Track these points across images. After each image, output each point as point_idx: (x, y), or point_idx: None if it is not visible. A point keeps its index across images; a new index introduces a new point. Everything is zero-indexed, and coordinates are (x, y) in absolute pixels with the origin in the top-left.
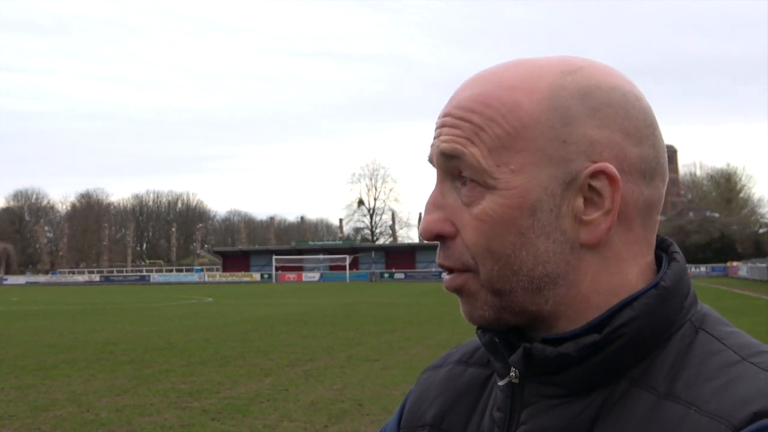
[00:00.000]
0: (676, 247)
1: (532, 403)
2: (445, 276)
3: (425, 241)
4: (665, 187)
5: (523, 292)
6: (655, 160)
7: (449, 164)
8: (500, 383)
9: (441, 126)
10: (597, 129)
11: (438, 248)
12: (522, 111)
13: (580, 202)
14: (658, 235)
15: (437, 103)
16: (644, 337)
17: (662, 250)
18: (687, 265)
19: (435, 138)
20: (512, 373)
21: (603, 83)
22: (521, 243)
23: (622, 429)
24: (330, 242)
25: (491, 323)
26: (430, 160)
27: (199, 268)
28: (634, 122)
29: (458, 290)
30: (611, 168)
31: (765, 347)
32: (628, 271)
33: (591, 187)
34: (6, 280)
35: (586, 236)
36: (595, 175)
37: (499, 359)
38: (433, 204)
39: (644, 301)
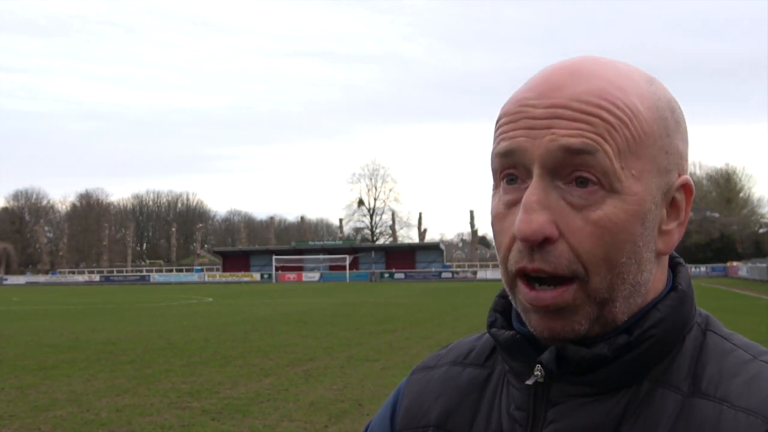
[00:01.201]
0: (676, 254)
1: (560, 402)
2: (539, 292)
3: (525, 241)
4: None
5: (622, 301)
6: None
7: (569, 160)
8: (528, 382)
9: (552, 117)
10: (682, 142)
11: (526, 250)
12: (642, 117)
13: (664, 212)
14: None
15: (436, 104)
16: (668, 338)
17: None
18: (687, 265)
19: (534, 130)
20: (537, 372)
21: (673, 97)
22: (633, 251)
23: (653, 427)
24: (330, 242)
25: (578, 337)
26: (511, 155)
27: (199, 268)
28: (688, 136)
29: (562, 307)
30: (691, 182)
31: (765, 348)
32: (663, 277)
33: (673, 199)
34: (6, 280)
35: (663, 245)
36: (681, 187)
37: (519, 358)
38: (539, 202)
39: (668, 303)
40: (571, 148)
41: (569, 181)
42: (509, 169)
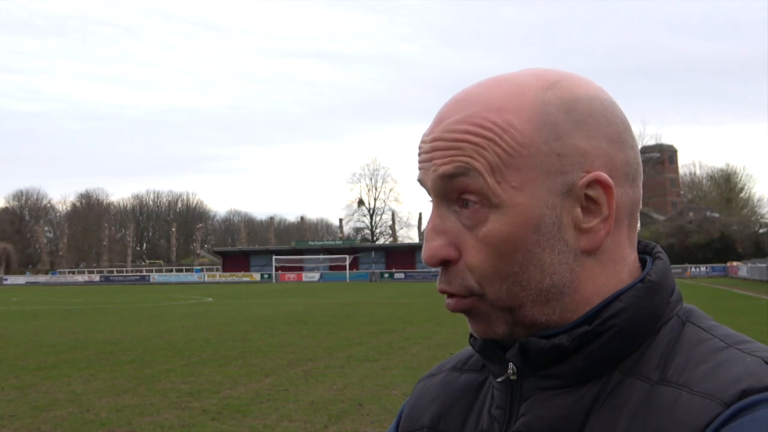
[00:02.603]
0: (659, 248)
1: (531, 395)
2: (448, 300)
3: (430, 268)
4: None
5: (532, 305)
6: (635, 161)
7: (450, 185)
8: (499, 380)
9: (433, 150)
10: (585, 139)
11: (439, 274)
12: (515, 130)
13: (578, 211)
14: (642, 241)
15: (435, 104)
16: (634, 328)
17: (647, 253)
18: (687, 265)
19: (425, 162)
20: (510, 370)
21: (582, 94)
22: (528, 259)
23: (618, 416)
24: (330, 242)
25: (505, 338)
26: (422, 185)
27: (199, 268)
28: (615, 128)
29: (466, 312)
30: (604, 176)
31: (748, 338)
32: (622, 271)
33: (587, 196)
34: (6, 280)
35: (586, 243)
36: (590, 184)
37: (496, 360)
38: (434, 230)
39: (632, 294)
40: (446, 174)
41: (459, 204)
42: (429, 196)
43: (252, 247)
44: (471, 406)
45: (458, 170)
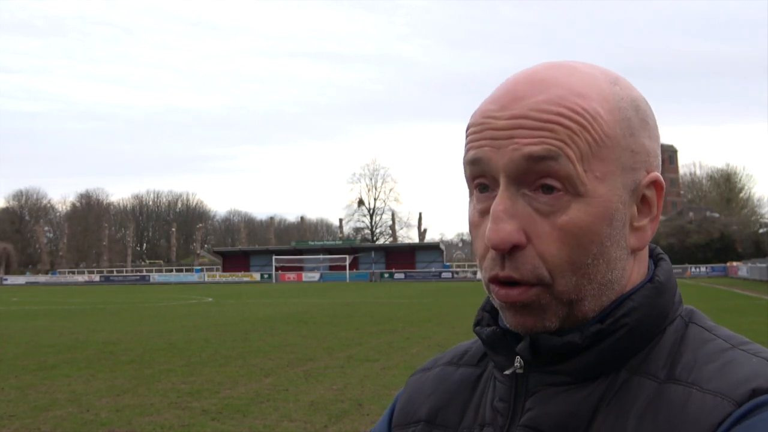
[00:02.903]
0: (660, 250)
1: (537, 391)
2: (508, 290)
3: (495, 249)
4: None
5: (591, 299)
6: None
7: (534, 167)
8: (506, 372)
9: (515, 128)
10: (648, 140)
11: (498, 258)
12: (602, 120)
13: (635, 209)
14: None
15: (434, 104)
16: (643, 327)
17: (649, 255)
18: (687, 265)
19: (500, 140)
20: (517, 363)
21: (638, 95)
22: (600, 252)
23: (627, 413)
24: (330, 242)
25: (549, 332)
26: (481, 164)
27: (199, 268)
28: (658, 132)
29: (528, 304)
30: (661, 178)
31: (747, 339)
32: (644, 272)
33: (644, 196)
34: (6, 280)
35: (635, 242)
36: (649, 184)
37: (502, 352)
38: (506, 211)
39: (643, 293)
40: (534, 156)
41: (535, 188)
42: (479, 178)
43: (252, 247)
44: (468, 400)
45: (549, 153)
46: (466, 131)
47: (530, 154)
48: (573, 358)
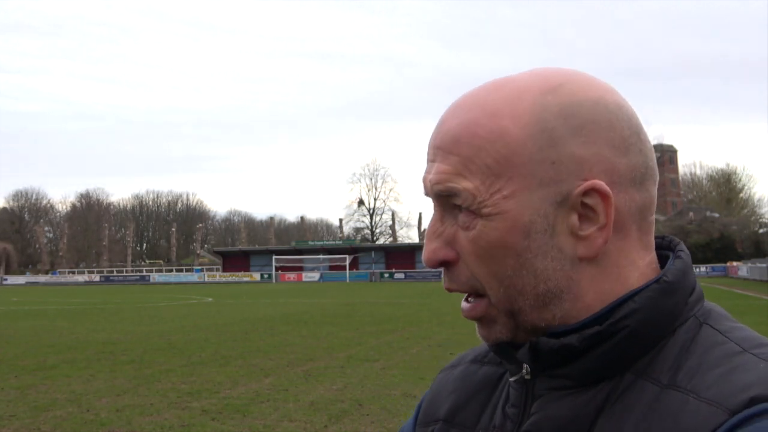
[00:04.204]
0: (683, 246)
1: (542, 395)
2: (464, 304)
3: (427, 266)
4: (656, 186)
5: (531, 310)
6: (643, 165)
7: (444, 199)
8: (512, 379)
9: (432, 159)
10: (583, 146)
11: (443, 273)
12: (509, 137)
13: (575, 219)
14: (666, 236)
15: (434, 104)
16: (647, 329)
17: (670, 249)
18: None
19: (426, 171)
20: (524, 369)
21: (584, 99)
22: (520, 264)
23: (626, 419)
24: (330, 242)
25: (508, 342)
26: (426, 192)
27: (199, 268)
28: (619, 133)
29: (479, 318)
30: (601, 184)
31: (766, 340)
32: (629, 276)
33: (584, 204)
34: (6, 280)
35: (583, 251)
36: (586, 192)
37: (510, 360)
38: (433, 232)
39: (646, 294)
40: (440, 195)
41: (453, 207)
42: None
43: (252, 247)
44: (488, 400)
45: (449, 191)
46: None
47: (437, 193)
48: (574, 361)
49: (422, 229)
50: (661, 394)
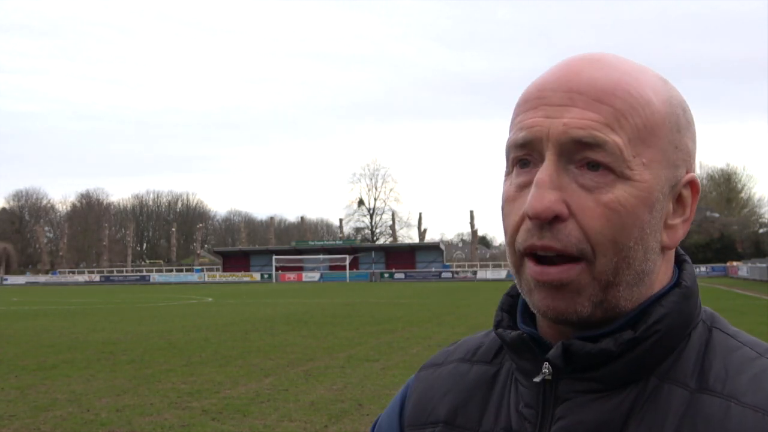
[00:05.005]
0: (681, 250)
1: (568, 398)
2: (543, 268)
3: (537, 218)
4: None
5: (626, 286)
6: None
7: (581, 149)
8: (536, 380)
9: (568, 102)
10: (691, 141)
11: (535, 228)
12: (654, 107)
13: (670, 206)
14: None
15: (436, 103)
16: (672, 334)
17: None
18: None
19: (552, 115)
20: (545, 370)
21: (683, 99)
22: (640, 237)
23: (661, 423)
24: (330, 242)
25: (580, 319)
26: (536, 139)
27: (199, 268)
28: (696, 138)
29: (566, 284)
30: (698, 180)
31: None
32: (669, 273)
33: (680, 195)
34: (6, 280)
35: (667, 239)
36: (686, 184)
37: (528, 357)
38: (551, 182)
39: (672, 299)
40: (581, 142)
41: (581, 165)
42: (524, 153)
43: (252, 247)
44: (487, 400)
45: (596, 140)
46: (517, 106)
47: (578, 138)
48: (605, 365)
49: (422, 229)
50: (693, 398)
